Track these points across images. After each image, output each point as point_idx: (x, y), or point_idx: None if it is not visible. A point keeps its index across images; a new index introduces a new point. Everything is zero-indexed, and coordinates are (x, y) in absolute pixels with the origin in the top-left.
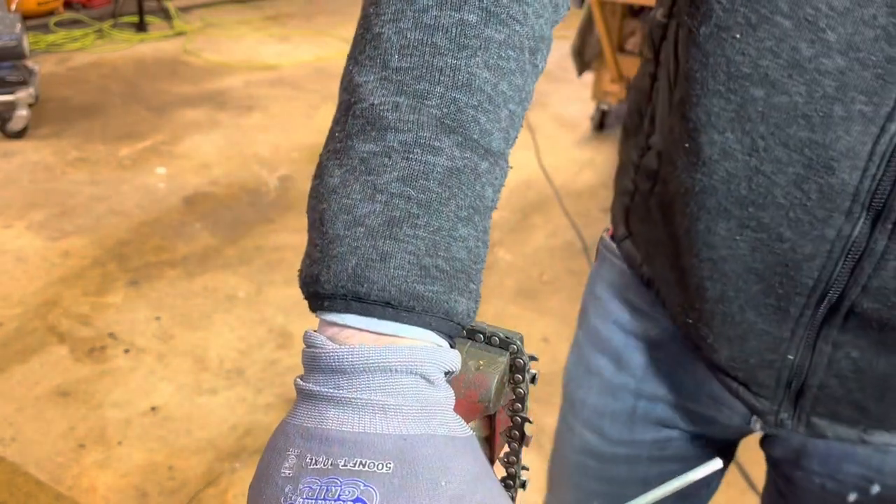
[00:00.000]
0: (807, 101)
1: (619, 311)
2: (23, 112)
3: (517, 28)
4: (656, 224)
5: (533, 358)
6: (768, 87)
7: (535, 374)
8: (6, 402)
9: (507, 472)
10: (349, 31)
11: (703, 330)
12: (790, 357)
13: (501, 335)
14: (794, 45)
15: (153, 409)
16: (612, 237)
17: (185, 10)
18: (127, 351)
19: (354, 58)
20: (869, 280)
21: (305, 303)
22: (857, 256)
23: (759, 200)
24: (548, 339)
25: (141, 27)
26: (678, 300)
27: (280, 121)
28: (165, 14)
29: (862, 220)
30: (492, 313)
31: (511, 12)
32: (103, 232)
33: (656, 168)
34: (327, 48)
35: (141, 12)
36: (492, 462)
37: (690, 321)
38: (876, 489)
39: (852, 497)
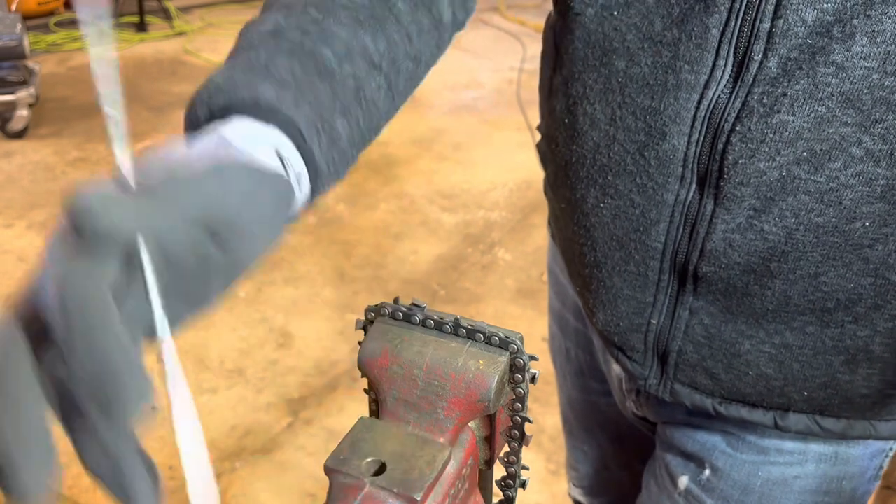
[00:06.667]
0: (651, 70)
1: (556, 283)
2: (23, 112)
3: None
4: (551, 199)
5: (533, 358)
6: (628, 59)
7: (535, 374)
8: None
9: (507, 471)
10: None
11: (585, 295)
12: (653, 321)
13: (501, 335)
14: (652, 20)
15: (153, 408)
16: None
17: (185, 10)
18: None
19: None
20: (704, 243)
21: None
22: (692, 221)
23: (615, 168)
24: (547, 339)
25: (141, 27)
26: (569, 268)
27: None
28: (165, 14)
29: (693, 184)
30: (492, 313)
31: None
32: None
33: (545, 149)
34: None
35: (141, 12)
36: (492, 462)
37: (578, 288)
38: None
39: (684, 481)
